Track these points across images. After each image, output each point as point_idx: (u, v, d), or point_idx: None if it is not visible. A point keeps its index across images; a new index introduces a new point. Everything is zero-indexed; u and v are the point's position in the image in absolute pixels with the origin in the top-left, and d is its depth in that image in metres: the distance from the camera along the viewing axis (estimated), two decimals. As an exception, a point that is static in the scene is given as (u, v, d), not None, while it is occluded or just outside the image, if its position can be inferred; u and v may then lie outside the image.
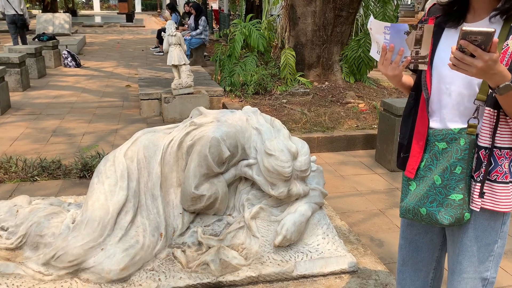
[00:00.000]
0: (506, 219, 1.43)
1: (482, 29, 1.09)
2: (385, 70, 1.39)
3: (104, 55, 11.32)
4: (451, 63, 1.19)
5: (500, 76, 1.18)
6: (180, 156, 2.08)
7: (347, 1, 6.32)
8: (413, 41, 1.30)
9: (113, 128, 5.16)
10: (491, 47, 1.11)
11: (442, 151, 1.40)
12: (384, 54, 1.36)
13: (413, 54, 1.33)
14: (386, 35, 1.33)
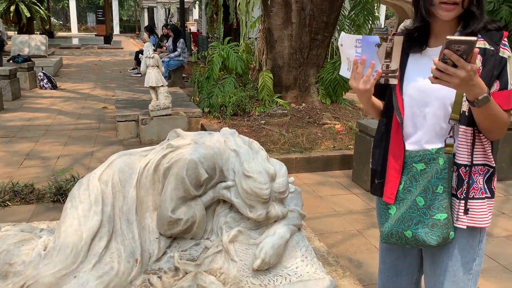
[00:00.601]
0: (483, 236, 1.46)
1: (466, 38, 1.11)
2: (356, 84, 1.38)
3: (81, 76, 11.22)
4: (432, 77, 1.20)
5: (478, 88, 1.20)
6: (157, 179, 2.04)
7: (322, 25, 6.46)
8: (383, 54, 1.31)
9: (89, 150, 5.08)
10: (472, 57, 1.14)
11: (421, 172, 1.42)
12: (355, 68, 1.36)
13: (383, 67, 1.33)
14: (357, 48, 1.33)
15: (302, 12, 6.46)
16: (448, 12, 1.32)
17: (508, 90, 1.32)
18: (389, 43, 1.29)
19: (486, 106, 1.23)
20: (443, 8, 1.32)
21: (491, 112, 1.27)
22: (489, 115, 1.28)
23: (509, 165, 4.48)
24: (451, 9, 1.32)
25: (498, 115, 1.29)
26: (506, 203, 3.95)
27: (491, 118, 1.29)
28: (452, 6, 1.31)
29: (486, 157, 1.39)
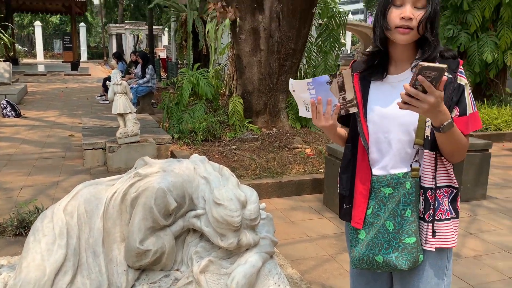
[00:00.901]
0: (450, 256, 1.48)
1: (437, 65, 1.15)
2: (320, 122, 1.43)
3: (47, 104, 10.96)
4: (401, 102, 1.23)
5: (443, 114, 1.25)
6: (124, 209, 1.98)
7: (290, 52, 6.59)
8: (337, 89, 1.36)
9: (54, 180, 4.91)
10: (440, 84, 1.18)
11: (389, 196, 1.44)
12: (314, 108, 1.40)
13: (340, 100, 1.38)
14: (310, 91, 1.38)
15: (270, 39, 6.58)
16: (404, 35, 1.37)
17: (467, 116, 1.38)
18: (339, 78, 1.34)
19: (450, 131, 1.28)
20: (398, 31, 1.37)
21: (454, 137, 1.31)
22: (452, 140, 1.32)
23: (474, 186, 4.61)
24: (407, 33, 1.36)
25: (459, 140, 1.34)
26: (473, 223, 4.04)
27: (453, 143, 1.33)
28: (407, 30, 1.36)
29: (449, 178, 1.44)
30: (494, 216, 4.21)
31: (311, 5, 6.34)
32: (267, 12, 6.52)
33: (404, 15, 1.34)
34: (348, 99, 1.38)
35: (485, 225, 3.99)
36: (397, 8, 1.37)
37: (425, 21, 1.35)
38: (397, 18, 1.36)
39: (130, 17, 36.60)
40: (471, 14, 8.88)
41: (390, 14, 1.38)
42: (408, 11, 1.34)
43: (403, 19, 1.35)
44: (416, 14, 1.35)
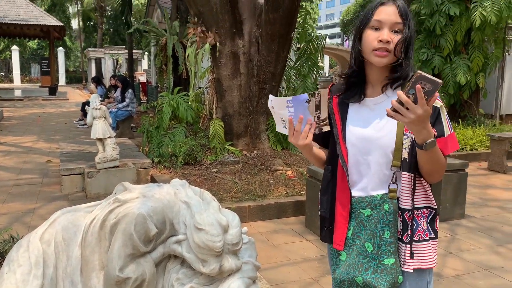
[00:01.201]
0: (430, 277, 1.49)
1: (434, 78, 1.17)
2: (296, 141, 1.45)
3: (24, 129, 10.76)
4: (390, 109, 1.25)
5: (427, 132, 1.27)
6: (103, 237, 1.94)
7: (270, 75, 6.67)
8: (313, 108, 1.39)
9: (30, 207, 4.79)
10: (431, 100, 1.19)
11: (368, 218, 1.45)
12: (292, 126, 1.42)
13: (315, 119, 1.41)
14: (289, 109, 1.40)
15: (250, 63, 6.66)
16: (381, 58, 1.40)
17: (445, 137, 1.41)
18: (316, 97, 1.38)
19: (432, 150, 1.31)
20: (376, 54, 1.40)
21: (435, 155, 1.34)
22: (433, 159, 1.35)
23: (452, 205, 4.68)
24: (384, 56, 1.40)
25: (440, 159, 1.37)
26: (453, 242, 4.09)
27: (434, 162, 1.36)
28: (384, 53, 1.39)
29: (427, 199, 1.46)
30: (473, 235, 4.27)
31: (289, 30, 6.47)
32: (247, 37, 6.62)
33: (382, 38, 1.38)
34: (322, 118, 1.42)
35: (464, 244, 4.04)
36: (374, 31, 1.41)
37: (401, 44, 1.39)
38: (374, 41, 1.40)
39: (109, 41, 36.61)
40: (443, 38, 9.19)
41: (367, 37, 1.42)
42: (386, 35, 1.38)
43: (381, 42, 1.38)
44: (393, 37, 1.39)
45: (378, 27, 1.40)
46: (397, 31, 1.39)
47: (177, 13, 12.90)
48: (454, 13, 8.90)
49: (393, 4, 1.40)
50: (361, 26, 1.44)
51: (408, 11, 1.42)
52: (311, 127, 1.42)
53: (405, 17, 1.40)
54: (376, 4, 1.43)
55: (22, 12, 20.89)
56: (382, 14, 1.40)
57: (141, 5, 31.39)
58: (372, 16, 1.41)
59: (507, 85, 11.26)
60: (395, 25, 1.39)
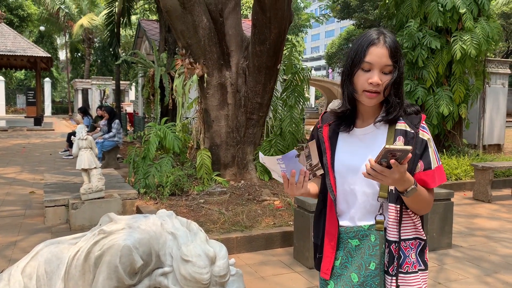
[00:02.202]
0: None
1: (403, 147, 1.23)
2: (293, 192, 1.46)
3: (7, 160, 10.59)
4: (366, 173, 1.29)
5: (407, 182, 1.31)
6: (87, 269, 1.90)
7: (257, 106, 6.74)
8: (304, 159, 1.42)
9: (12, 240, 4.66)
10: (405, 160, 1.25)
11: (356, 248, 1.45)
12: (286, 180, 1.44)
13: (307, 167, 1.44)
14: (281, 165, 1.43)
15: (237, 94, 6.73)
16: (371, 99, 1.44)
17: (432, 170, 1.43)
18: (305, 149, 1.41)
19: (414, 195, 1.35)
20: (366, 95, 1.43)
21: (418, 198, 1.38)
22: (417, 200, 1.38)
23: (439, 235, 4.69)
24: (373, 97, 1.43)
25: (424, 198, 1.40)
26: (441, 272, 4.07)
27: (418, 202, 1.39)
28: (374, 94, 1.42)
29: (416, 231, 1.46)
30: (461, 265, 4.26)
31: (276, 62, 6.59)
32: (234, 68, 6.72)
33: (372, 81, 1.40)
34: (314, 164, 1.45)
35: (452, 274, 4.03)
36: (364, 72, 1.43)
37: (390, 85, 1.42)
38: (365, 82, 1.42)
39: (96, 72, 36.75)
40: (426, 70, 9.44)
41: (357, 78, 1.44)
42: (376, 77, 1.40)
43: (371, 84, 1.41)
44: (383, 79, 1.41)
45: (368, 68, 1.42)
46: (387, 73, 1.42)
47: (165, 45, 13.07)
48: (435, 46, 9.18)
49: (383, 45, 1.41)
50: (351, 65, 1.45)
51: (399, 49, 1.44)
52: (305, 176, 1.43)
53: (395, 59, 1.42)
54: (367, 44, 1.43)
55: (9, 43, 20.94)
56: (372, 56, 1.41)
57: (129, 37, 31.75)
58: (363, 57, 1.42)
59: (489, 116, 11.53)
60: (385, 67, 1.41)
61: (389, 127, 1.46)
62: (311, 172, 1.45)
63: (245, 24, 10.58)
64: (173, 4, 6.35)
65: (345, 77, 1.49)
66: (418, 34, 9.37)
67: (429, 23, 9.38)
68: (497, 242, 4.98)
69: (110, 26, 16.29)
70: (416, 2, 9.46)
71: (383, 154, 1.22)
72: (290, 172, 1.41)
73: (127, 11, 15.95)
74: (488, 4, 9.31)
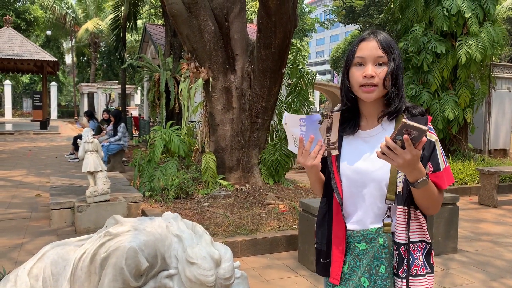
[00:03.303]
0: None
1: (419, 126, 1.20)
2: (305, 160, 1.44)
3: (13, 163, 10.66)
4: (380, 151, 1.27)
5: (418, 171, 1.29)
6: (93, 271, 1.91)
7: (262, 110, 6.76)
8: (325, 129, 1.40)
9: (18, 242, 4.69)
10: (419, 144, 1.22)
11: (363, 252, 1.44)
12: (302, 145, 1.42)
13: (325, 141, 1.42)
14: (302, 127, 1.41)
15: (242, 97, 6.75)
16: (369, 94, 1.42)
17: (441, 171, 1.42)
18: (329, 119, 1.38)
19: (425, 187, 1.32)
20: (363, 90, 1.42)
21: (428, 192, 1.36)
22: (426, 195, 1.36)
23: (445, 239, 4.67)
24: (371, 91, 1.42)
25: (434, 194, 1.38)
26: (446, 277, 4.05)
27: (427, 198, 1.37)
28: (371, 88, 1.41)
29: (422, 233, 1.45)
30: (467, 270, 4.24)
31: (281, 66, 6.61)
32: (239, 72, 6.74)
33: (366, 73, 1.40)
34: (332, 141, 1.42)
35: (458, 279, 4.01)
36: (358, 68, 1.43)
37: (388, 76, 1.41)
38: (359, 77, 1.42)
39: (102, 76, 36.95)
40: (431, 74, 9.42)
41: (353, 74, 1.44)
42: (369, 70, 1.40)
43: (365, 78, 1.41)
44: (378, 71, 1.41)
45: (361, 63, 1.43)
46: (381, 64, 1.42)
47: (171, 49, 13.14)
48: (440, 50, 9.17)
49: (373, 38, 1.43)
50: (346, 63, 1.47)
51: (392, 42, 1.44)
52: (321, 148, 1.42)
53: (387, 50, 1.42)
54: (357, 41, 1.46)
55: (16, 47, 21.11)
56: (363, 50, 1.43)
57: (134, 41, 31.92)
58: (354, 53, 1.44)
59: (494, 120, 11.49)
60: (378, 59, 1.41)
61: (395, 126, 1.46)
62: (327, 148, 1.43)
63: (250, 28, 10.62)
64: (179, 9, 6.39)
65: (342, 78, 1.50)
66: (423, 38, 9.36)
67: (434, 28, 9.37)
68: (503, 247, 4.95)
69: (116, 31, 16.41)
70: (421, 6, 9.46)
71: (399, 129, 1.20)
72: (308, 137, 1.40)
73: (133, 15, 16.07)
74: (493, 9, 9.30)
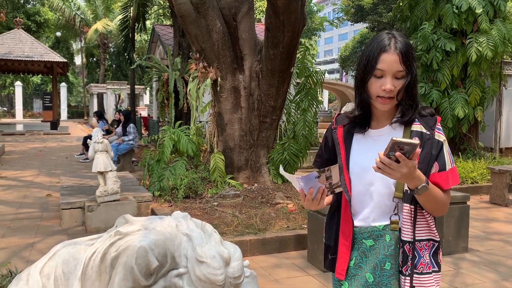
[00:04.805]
0: None
1: (409, 141, 1.24)
2: (310, 207, 1.51)
3: (24, 163, 10.78)
4: (376, 167, 1.30)
5: (418, 179, 1.32)
6: (104, 270, 1.92)
7: (270, 109, 6.75)
8: (324, 179, 1.44)
9: (29, 242, 4.74)
10: (413, 155, 1.25)
11: (370, 248, 1.46)
12: (303, 196, 1.48)
13: (327, 185, 1.46)
14: (300, 183, 1.46)
15: (250, 97, 6.75)
16: (384, 105, 1.45)
17: (447, 171, 1.43)
18: (327, 172, 1.43)
19: (426, 193, 1.35)
20: (379, 101, 1.44)
21: (431, 196, 1.37)
22: (429, 199, 1.38)
23: (455, 238, 4.64)
24: (387, 103, 1.44)
25: (437, 198, 1.39)
26: (457, 276, 4.02)
27: (431, 201, 1.39)
28: (387, 100, 1.43)
29: (430, 232, 1.46)
30: (478, 269, 4.20)
31: (289, 65, 6.60)
32: (247, 72, 6.74)
33: (385, 88, 1.41)
34: (334, 183, 1.47)
35: (469, 278, 3.98)
36: (377, 79, 1.43)
37: (404, 89, 1.42)
38: (378, 89, 1.43)
39: (111, 77, 37.19)
40: (440, 72, 9.35)
41: (371, 85, 1.45)
42: (389, 84, 1.41)
43: (384, 91, 1.42)
44: (396, 84, 1.42)
45: (381, 75, 1.43)
46: (400, 78, 1.42)
47: (179, 49, 13.18)
48: (450, 48, 9.09)
49: (394, 51, 1.41)
50: (364, 71, 1.46)
51: (411, 52, 1.43)
52: (323, 194, 1.46)
53: (407, 64, 1.41)
54: (379, 50, 1.43)
55: (27, 48, 21.34)
56: (384, 64, 1.41)
57: (143, 42, 32.10)
58: (375, 64, 1.42)
59: (505, 119, 11.36)
60: (398, 72, 1.41)
61: (404, 129, 1.47)
62: (330, 190, 1.47)
63: (258, 27, 10.61)
64: (187, 9, 6.41)
65: (358, 83, 1.50)
66: (432, 36, 9.29)
67: (444, 25, 9.29)
68: (515, 247, 4.90)
69: (125, 31, 16.50)
70: (431, 4, 9.39)
71: (390, 146, 1.24)
72: (308, 190, 1.44)
73: (142, 16, 16.14)
74: (504, 5, 9.20)
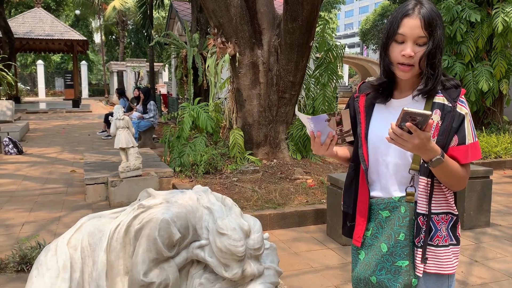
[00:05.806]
0: (451, 281, 1.48)
1: (421, 111, 1.21)
2: (318, 151, 1.52)
3: (49, 141, 11.04)
4: (389, 137, 1.29)
5: (432, 151, 1.30)
6: (128, 242, 1.98)
7: (289, 85, 6.70)
8: (334, 124, 1.45)
9: (56, 216, 4.90)
10: (426, 127, 1.23)
11: (386, 219, 1.47)
12: (313, 139, 1.48)
13: (337, 132, 1.47)
14: (310, 125, 1.47)
15: (269, 72, 6.71)
16: (405, 72, 1.42)
17: (466, 145, 1.40)
18: (337, 116, 1.43)
19: (441, 166, 1.33)
20: (400, 68, 1.42)
21: (446, 169, 1.35)
22: (445, 172, 1.36)
23: (477, 213, 4.59)
24: (407, 70, 1.41)
25: (454, 172, 1.37)
26: (478, 251, 4.01)
27: (447, 175, 1.37)
28: (407, 67, 1.40)
29: (448, 205, 1.45)
30: (499, 244, 4.17)
31: (308, 39, 6.50)
32: (266, 46, 6.68)
33: (405, 53, 1.38)
34: (345, 130, 1.47)
35: (490, 252, 3.95)
36: (398, 44, 1.40)
37: (425, 57, 1.38)
38: (398, 54, 1.40)
39: (131, 54, 37.33)
40: (464, 45, 9.08)
41: (392, 50, 1.42)
42: (409, 49, 1.37)
43: (404, 57, 1.39)
44: (417, 51, 1.38)
45: (402, 40, 1.39)
46: (422, 44, 1.38)
47: (197, 25, 13.10)
48: (475, 19, 8.80)
49: (417, 16, 1.37)
50: (386, 37, 1.44)
51: (436, 19, 1.38)
52: (333, 139, 1.47)
53: (429, 30, 1.37)
54: (401, 15, 1.40)
55: (47, 27, 21.54)
56: (405, 28, 1.38)
57: (161, 18, 31.97)
58: (397, 29, 1.39)
59: (532, 91, 11.02)
60: (419, 39, 1.38)
61: (426, 100, 1.44)
62: (340, 137, 1.48)
63: (276, 1, 10.43)
64: (205, -17, 6.34)
65: (381, 49, 1.48)
66: (456, 7, 8.99)
67: (469, -5, 8.98)
68: (538, 221, 4.83)
69: (143, 8, 16.46)
70: (455, -27, 9.06)
71: (402, 116, 1.22)
72: (316, 132, 1.45)
73: (159, -8, 16.03)
74: (533, -27, 8.81)
